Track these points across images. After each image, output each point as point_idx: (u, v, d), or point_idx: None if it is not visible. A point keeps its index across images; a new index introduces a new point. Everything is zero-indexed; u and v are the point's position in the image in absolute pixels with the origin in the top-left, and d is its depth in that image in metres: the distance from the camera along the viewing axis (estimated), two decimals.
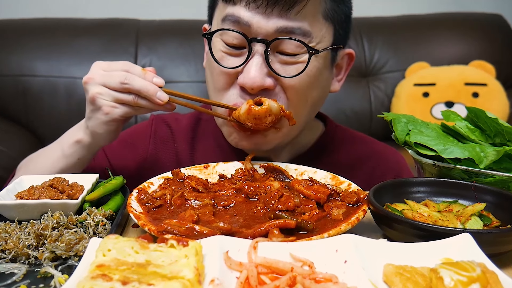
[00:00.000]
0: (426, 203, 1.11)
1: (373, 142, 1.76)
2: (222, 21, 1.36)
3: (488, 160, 1.14)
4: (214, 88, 1.44)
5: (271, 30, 1.30)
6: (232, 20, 1.33)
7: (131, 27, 3.42)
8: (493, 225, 1.03)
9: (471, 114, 1.29)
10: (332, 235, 0.94)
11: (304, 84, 1.37)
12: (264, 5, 1.29)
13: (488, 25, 3.64)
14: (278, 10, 1.29)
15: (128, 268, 0.75)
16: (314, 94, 1.43)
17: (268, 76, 1.34)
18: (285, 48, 1.33)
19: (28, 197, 1.13)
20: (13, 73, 3.20)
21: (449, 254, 0.86)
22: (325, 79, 1.46)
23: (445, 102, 3.29)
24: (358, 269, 0.79)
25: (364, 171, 1.63)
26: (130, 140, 1.72)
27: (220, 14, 1.39)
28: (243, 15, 1.31)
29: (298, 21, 1.31)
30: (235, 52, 1.37)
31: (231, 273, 0.81)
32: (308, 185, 1.15)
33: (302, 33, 1.32)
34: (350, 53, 1.55)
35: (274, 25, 1.30)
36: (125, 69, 1.30)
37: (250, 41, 1.32)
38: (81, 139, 1.40)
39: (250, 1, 1.30)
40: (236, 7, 1.33)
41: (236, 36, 1.34)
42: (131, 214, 1.03)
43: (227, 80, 1.39)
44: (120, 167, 1.65)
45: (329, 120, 1.71)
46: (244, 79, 1.33)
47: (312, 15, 1.33)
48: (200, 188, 1.19)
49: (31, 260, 0.95)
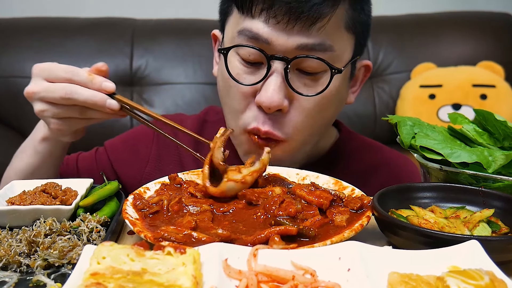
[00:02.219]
0: (432, 209, 1.09)
1: (387, 150, 1.75)
2: (239, 34, 1.31)
3: (497, 164, 1.13)
4: (230, 108, 1.41)
5: (291, 48, 1.26)
6: (249, 36, 1.28)
7: (127, 26, 3.39)
8: (502, 231, 1.01)
9: (479, 117, 1.27)
10: (335, 242, 0.92)
11: (322, 104, 1.34)
12: (285, 21, 1.23)
13: (496, 25, 3.61)
14: (300, 26, 1.24)
15: (123, 276, 0.74)
16: (330, 112, 1.41)
17: (286, 98, 1.30)
18: (305, 66, 1.29)
19: (20, 203, 1.11)
20: (3, 74, 3.18)
21: (456, 262, 0.84)
22: (342, 96, 1.44)
23: (452, 105, 3.27)
24: (362, 277, 0.78)
25: (378, 179, 1.60)
26: (132, 142, 1.71)
27: (235, 25, 1.34)
28: (262, 32, 1.26)
29: (320, 37, 1.26)
30: (252, 69, 1.33)
31: (230, 281, 0.80)
32: (310, 191, 1.13)
33: (324, 49, 1.27)
34: (367, 65, 1.53)
35: (294, 42, 1.25)
36: (68, 77, 1.24)
37: (269, 59, 1.27)
38: (47, 136, 1.39)
39: (270, 16, 1.24)
40: (254, 21, 1.27)
41: (253, 52, 1.29)
42: (126, 220, 1.01)
43: (244, 100, 1.35)
44: (123, 170, 1.65)
45: (344, 126, 1.70)
46: (261, 98, 1.29)
47: (335, 28, 1.29)
48: (198, 194, 1.17)
49: (23, 268, 0.93)
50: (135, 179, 1.63)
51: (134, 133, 1.77)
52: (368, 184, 1.45)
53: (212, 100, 3.18)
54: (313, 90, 1.31)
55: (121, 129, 3.18)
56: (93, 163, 1.68)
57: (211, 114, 1.74)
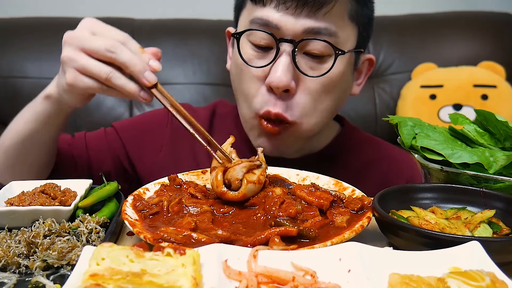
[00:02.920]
0: (433, 209, 1.09)
1: (387, 146, 1.79)
2: (251, 22, 1.40)
3: (498, 165, 1.12)
4: (242, 94, 1.48)
5: (299, 31, 1.35)
6: (260, 23, 1.38)
7: (126, 26, 3.36)
8: (503, 232, 1.01)
9: (480, 117, 1.27)
10: (336, 243, 0.92)
11: (327, 86, 1.41)
12: (294, 6, 1.33)
13: (497, 25, 3.60)
14: (307, 11, 1.34)
15: (122, 278, 0.74)
16: (335, 96, 1.47)
17: (293, 79, 1.38)
18: (312, 49, 1.37)
19: (19, 204, 1.11)
20: (2, 74, 3.17)
21: (457, 263, 0.84)
22: (347, 82, 1.51)
23: (453, 105, 3.27)
24: (363, 278, 0.77)
25: (377, 174, 1.66)
26: (146, 126, 1.73)
27: (248, 15, 1.43)
28: (272, 18, 1.36)
29: (325, 22, 1.35)
30: (262, 53, 1.41)
31: (230, 282, 0.80)
32: (311, 191, 1.12)
33: (329, 34, 1.36)
34: (370, 59, 1.60)
35: (302, 26, 1.35)
36: (121, 40, 1.20)
37: (278, 41, 1.36)
38: (51, 93, 1.35)
39: (280, 2, 1.34)
40: (265, 9, 1.37)
41: (264, 37, 1.39)
42: (126, 221, 1.01)
43: (255, 83, 1.42)
44: (136, 152, 1.66)
45: (346, 121, 1.76)
46: (271, 78, 1.37)
47: (339, 16, 1.38)
48: (199, 195, 1.17)
49: (22, 269, 0.93)
50: (149, 162, 1.66)
51: (147, 117, 1.79)
52: (368, 176, 1.56)
53: (212, 100, 3.17)
54: (318, 72, 1.39)
55: None
56: (103, 142, 1.66)
57: (220, 106, 1.79)
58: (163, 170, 1.56)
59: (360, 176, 1.57)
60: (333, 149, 1.66)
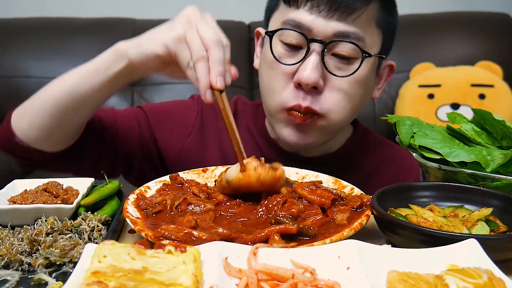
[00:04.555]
0: (431, 208, 1.09)
1: (397, 147, 1.81)
2: (283, 23, 1.46)
3: (495, 163, 1.13)
4: (269, 89, 1.53)
5: (329, 33, 1.41)
6: (293, 24, 1.43)
7: (127, 26, 3.40)
8: (500, 230, 1.02)
9: (477, 116, 1.28)
10: (335, 240, 0.92)
11: (353, 86, 1.47)
12: (326, 10, 1.40)
13: (495, 25, 3.61)
14: (338, 16, 1.40)
15: (124, 275, 0.74)
16: (359, 97, 1.52)
17: (321, 77, 1.43)
18: (340, 51, 1.43)
19: (21, 202, 1.11)
20: (5, 74, 3.19)
21: (455, 260, 0.85)
22: (370, 85, 1.57)
23: (451, 104, 3.27)
24: (361, 276, 0.77)
25: (387, 174, 1.71)
26: (175, 112, 1.75)
27: (281, 17, 1.49)
28: (305, 20, 1.41)
29: (354, 26, 1.41)
30: (292, 52, 1.46)
31: (230, 280, 0.80)
32: (312, 190, 1.13)
33: (357, 38, 1.42)
34: (391, 65, 1.67)
35: (332, 29, 1.40)
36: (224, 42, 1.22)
37: (309, 41, 1.41)
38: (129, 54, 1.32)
39: (313, 5, 1.41)
40: (299, 11, 1.43)
41: (295, 36, 1.44)
42: (127, 219, 1.02)
43: (284, 79, 1.47)
44: (163, 136, 1.68)
45: (359, 123, 1.80)
46: (300, 75, 1.42)
47: (367, 22, 1.45)
48: (202, 195, 1.17)
49: (25, 266, 0.93)
50: (175, 148, 1.68)
51: (177, 104, 1.81)
52: (380, 176, 1.64)
53: None
54: (345, 73, 1.45)
55: None
56: (133, 122, 1.64)
57: (240, 104, 1.82)
58: (189, 157, 1.63)
59: (372, 176, 1.65)
60: (347, 150, 1.71)
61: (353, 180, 1.28)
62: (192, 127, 1.72)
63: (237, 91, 3.08)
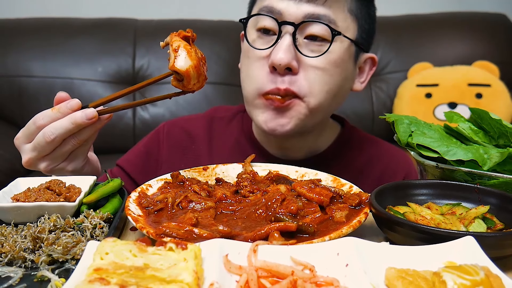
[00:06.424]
0: (428, 205, 1.10)
1: (385, 144, 1.85)
2: (258, 12, 1.52)
3: (492, 162, 1.13)
4: (246, 76, 1.57)
5: (299, 16, 1.45)
6: (266, 11, 1.49)
7: (129, 26, 3.40)
8: (497, 228, 1.02)
9: (474, 115, 1.28)
10: (334, 238, 0.93)
11: (327, 68, 1.49)
12: None
13: (492, 25, 3.62)
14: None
15: (126, 272, 0.75)
16: (335, 82, 1.52)
17: (294, 59, 1.45)
18: (311, 31, 1.47)
19: (25, 200, 1.12)
20: (8, 73, 3.19)
21: (452, 257, 0.85)
22: (347, 71, 1.57)
23: (448, 103, 3.28)
24: (360, 272, 0.78)
25: (376, 171, 1.72)
26: (143, 150, 1.78)
27: (257, 7, 1.55)
28: (276, 5, 1.47)
29: (324, 9, 1.46)
30: (266, 38, 1.51)
31: (230, 276, 0.80)
32: (311, 188, 1.13)
33: (328, 20, 1.46)
34: (372, 58, 1.69)
35: (303, 11, 1.45)
36: (38, 125, 1.25)
37: (280, 24, 1.46)
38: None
39: None
40: None
41: (268, 21, 1.50)
42: (129, 217, 1.02)
43: (259, 65, 1.51)
44: (141, 179, 1.68)
45: (346, 122, 1.81)
46: (272, 56, 1.46)
47: (339, 6, 1.49)
48: (203, 193, 1.17)
49: (28, 263, 0.94)
50: None
51: (144, 143, 1.83)
52: (368, 174, 1.64)
53: (213, 99, 3.17)
54: (317, 53, 1.48)
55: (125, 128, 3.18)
56: None
57: (220, 111, 1.86)
58: None
59: (361, 174, 1.67)
60: (335, 149, 1.72)
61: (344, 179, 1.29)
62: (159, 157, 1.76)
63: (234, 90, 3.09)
